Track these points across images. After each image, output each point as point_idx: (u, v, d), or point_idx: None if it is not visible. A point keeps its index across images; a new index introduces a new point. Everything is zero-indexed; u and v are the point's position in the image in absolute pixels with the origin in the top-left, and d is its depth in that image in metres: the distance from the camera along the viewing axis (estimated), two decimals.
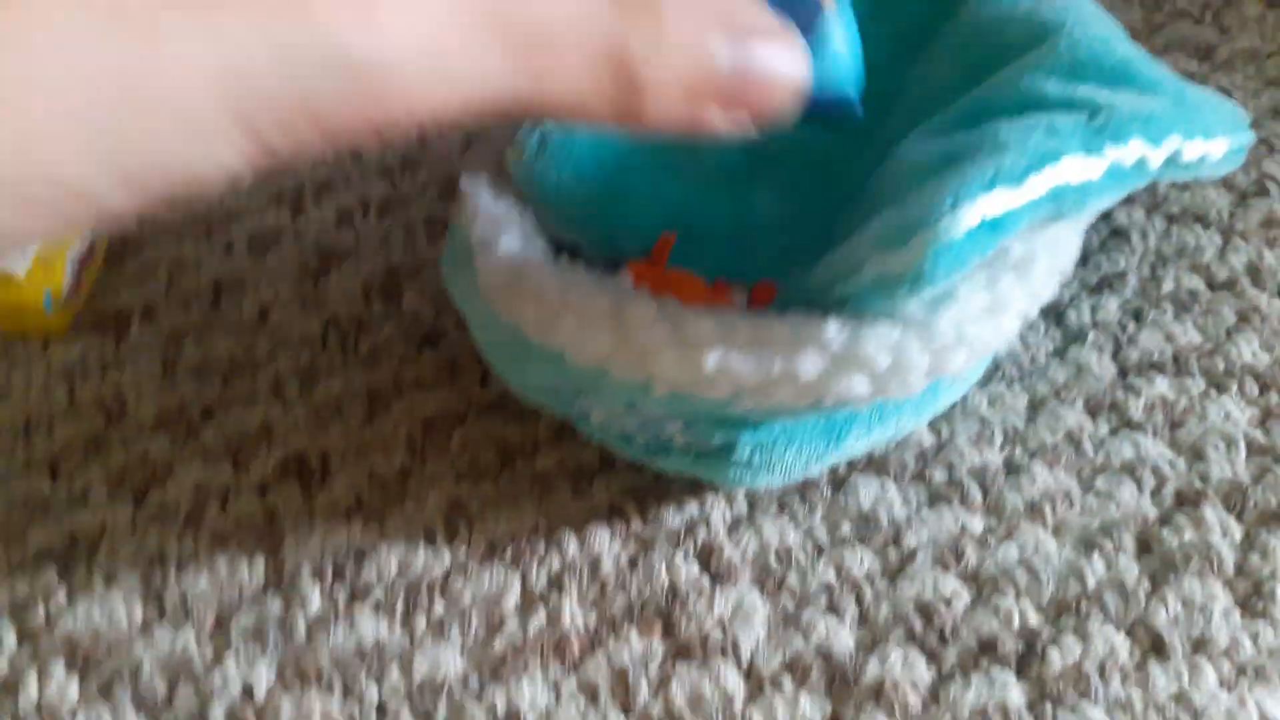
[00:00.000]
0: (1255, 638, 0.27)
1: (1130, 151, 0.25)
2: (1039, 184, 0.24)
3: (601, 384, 0.26)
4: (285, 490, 0.30)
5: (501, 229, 0.28)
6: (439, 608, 0.28)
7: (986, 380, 0.32)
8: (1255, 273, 0.34)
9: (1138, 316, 0.33)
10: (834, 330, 0.24)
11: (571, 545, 0.29)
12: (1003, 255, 0.26)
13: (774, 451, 0.27)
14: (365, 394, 0.32)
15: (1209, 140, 0.27)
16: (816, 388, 0.24)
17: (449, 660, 0.27)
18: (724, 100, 0.20)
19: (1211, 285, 0.34)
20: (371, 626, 0.28)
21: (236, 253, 0.35)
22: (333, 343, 0.33)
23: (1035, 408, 0.31)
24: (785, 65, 0.20)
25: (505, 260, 0.27)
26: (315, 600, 0.28)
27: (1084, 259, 0.34)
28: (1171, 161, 0.27)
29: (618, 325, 0.25)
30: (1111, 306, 0.33)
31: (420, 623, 0.28)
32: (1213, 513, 0.29)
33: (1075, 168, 0.24)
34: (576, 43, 0.18)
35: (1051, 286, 0.27)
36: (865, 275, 0.25)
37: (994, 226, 0.24)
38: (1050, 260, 0.27)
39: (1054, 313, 0.33)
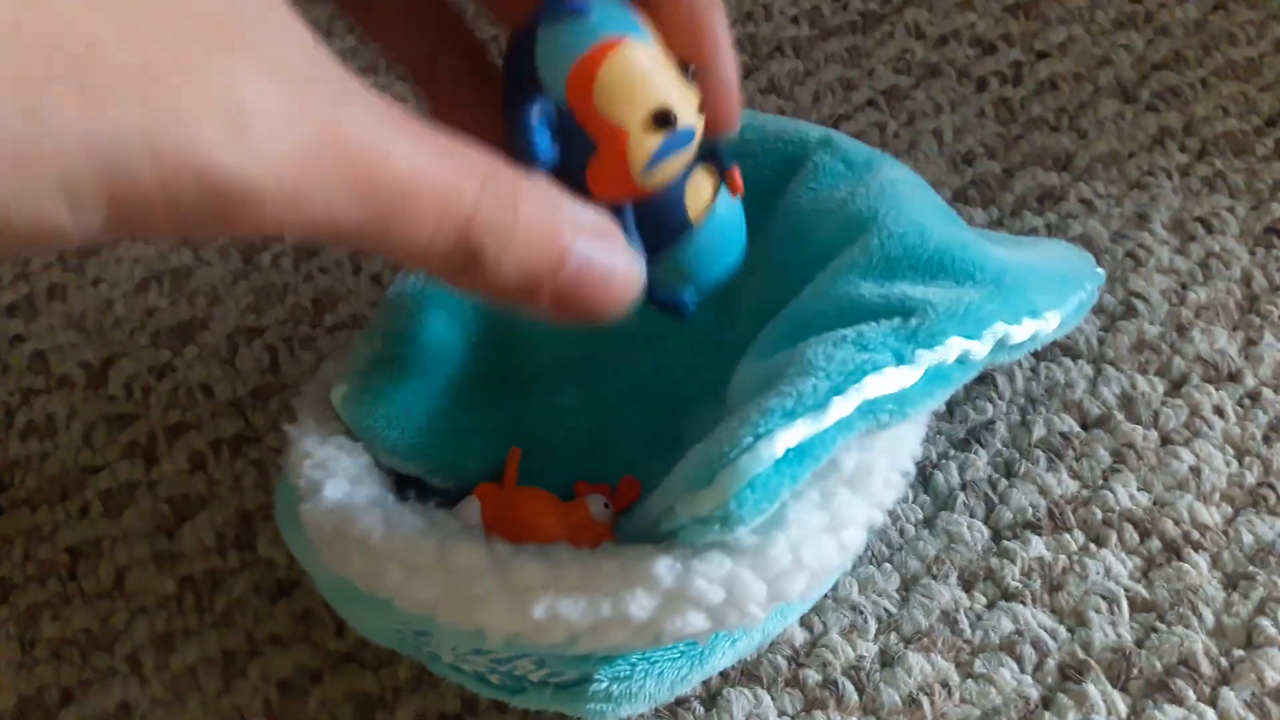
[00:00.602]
0: None
1: (949, 351, 0.25)
2: (845, 405, 0.24)
3: (436, 631, 0.25)
4: None
5: (328, 474, 0.27)
6: None
7: (856, 563, 0.31)
8: (1129, 404, 0.33)
9: (1009, 471, 0.32)
10: (664, 567, 0.23)
11: None
12: (835, 469, 0.25)
13: (633, 681, 0.26)
14: (221, 658, 0.31)
15: (1036, 319, 0.27)
16: (651, 627, 0.23)
17: None
18: (555, 298, 0.21)
19: (1085, 424, 0.33)
20: None
21: (92, 514, 0.35)
22: (188, 602, 0.32)
23: (908, 587, 0.30)
24: (619, 278, 0.22)
25: (330, 508, 0.26)
26: None
27: (949, 411, 0.33)
28: (1001, 345, 0.26)
29: (444, 574, 0.24)
30: (980, 463, 0.32)
31: None
32: (1096, 687, 0.28)
33: (886, 380, 0.24)
34: (432, 209, 0.20)
35: (895, 490, 0.26)
36: (679, 515, 0.24)
37: (801, 455, 0.23)
38: (890, 464, 0.26)
39: (921, 476, 0.32)
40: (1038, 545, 0.30)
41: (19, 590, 0.33)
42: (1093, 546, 0.30)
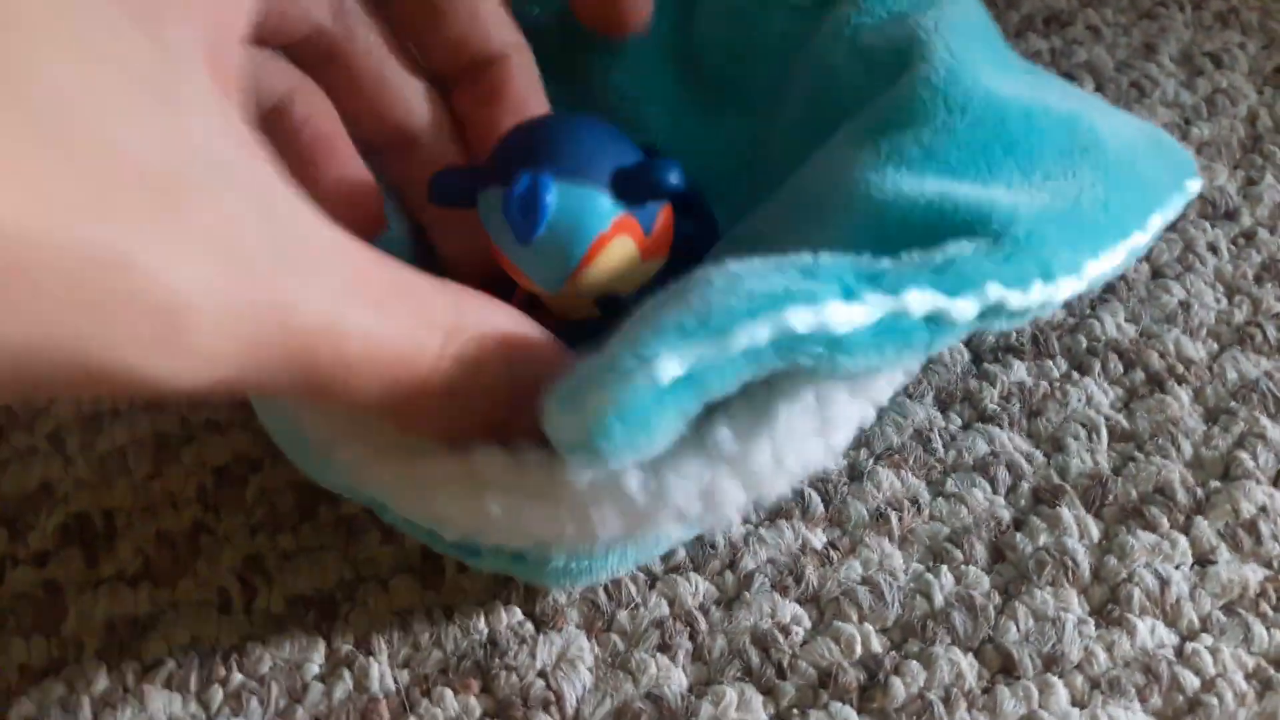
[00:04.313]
0: (1110, 648, 0.26)
1: (911, 303, 0.21)
2: (755, 332, 0.19)
3: (392, 508, 0.23)
4: (67, 558, 0.28)
5: None
6: (235, 678, 0.27)
7: None
8: None
9: None
10: (635, 485, 0.21)
11: (380, 598, 0.28)
12: None
13: (594, 560, 0.25)
14: (152, 441, 0.30)
15: (1049, 283, 0.22)
16: (621, 537, 0.21)
17: None
18: None
19: None
20: (163, 703, 0.26)
21: None
22: None
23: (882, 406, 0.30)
24: None
25: None
26: (101, 679, 0.27)
27: None
28: (998, 310, 0.22)
29: (402, 456, 0.22)
30: None
31: (216, 696, 0.26)
32: (1070, 512, 0.28)
33: (818, 316, 0.20)
34: (381, 376, 0.19)
35: (895, 387, 0.24)
36: (550, 433, 0.21)
37: (691, 383, 0.19)
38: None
39: None
40: (1019, 370, 0.30)
41: None
42: (1075, 374, 0.30)
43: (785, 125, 0.29)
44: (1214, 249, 0.32)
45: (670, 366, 0.19)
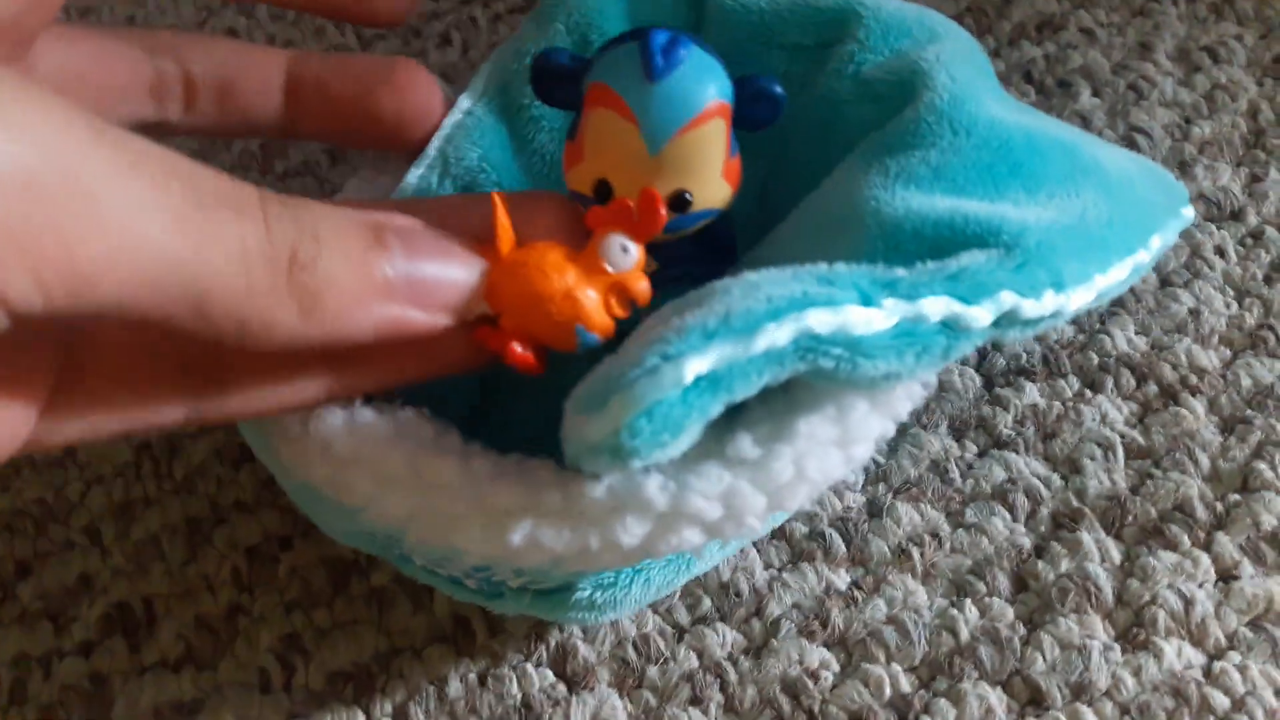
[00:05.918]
0: (1137, 672, 0.26)
1: (928, 309, 0.22)
2: (778, 333, 0.20)
3: (408, 542, 0.24)
4: (110, 647, 0.29)
5: None
6: None
7: None
8: None
9: None
10: (655, 489, 0.21)
11: (415, 667, 0.28)
12: None
13: (618, 589, 0.26)
14: (184, 526, 0.31)
15: (1060, 293, 0.23)
16: (642, 549, 0.22)
17: None
18: (407, 299, 0.22)
19: None
20: None
21: None
22: (146, 470, 0.32)
23: (897, 436, 0.30)
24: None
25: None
26: None
27: None
28: (1011, 319, 0.23)
29: (416, 489, 0.23)
30: None
31: None
32: (1090, 535, 0.28)
33: (838, 318, 0.21)
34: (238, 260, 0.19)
35: (914, 402, 0.24)
36: (569, 438, 0.21)
37: (715, 384, 0.20)
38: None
39: None
40: (1032, 392, 0.30)
41: None
42: (1088, 392, 0.30)
43: (793, 162, 0.29)
44: (1221, 252, 0.32)
45: (695, 365, 0.20)
